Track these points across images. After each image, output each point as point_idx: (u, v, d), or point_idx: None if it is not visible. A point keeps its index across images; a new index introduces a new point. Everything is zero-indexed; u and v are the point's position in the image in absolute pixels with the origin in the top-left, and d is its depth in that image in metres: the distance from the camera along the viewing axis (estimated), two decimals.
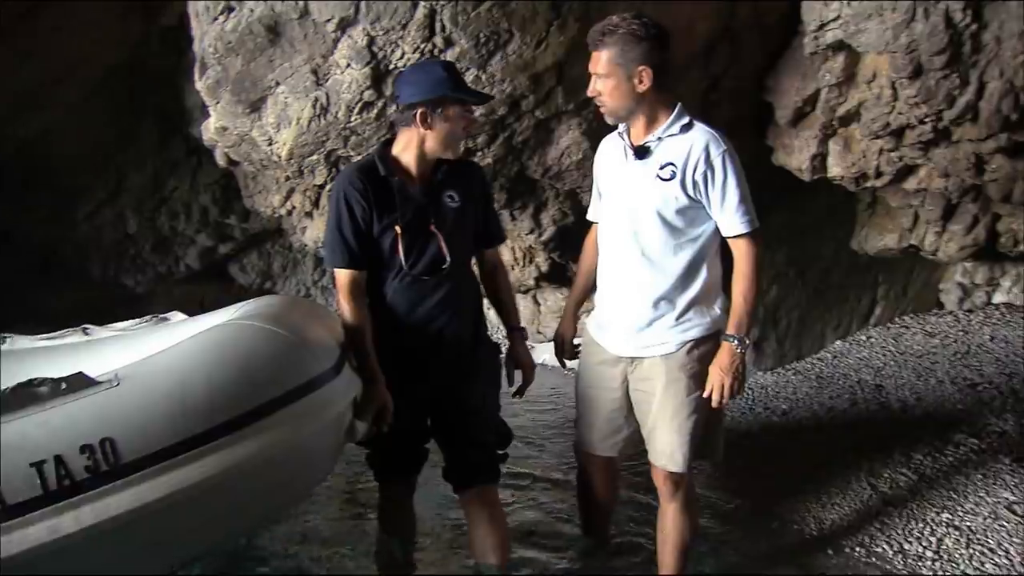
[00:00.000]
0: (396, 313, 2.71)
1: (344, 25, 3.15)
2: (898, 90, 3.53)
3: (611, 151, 2.84)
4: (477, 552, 2.89)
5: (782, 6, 4.08)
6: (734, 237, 2.69)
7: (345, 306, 2.66)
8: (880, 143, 3.87)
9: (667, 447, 2.78)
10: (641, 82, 2.60)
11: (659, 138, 2.67)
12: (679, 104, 2.70)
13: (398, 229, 2.63)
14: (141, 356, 2.36)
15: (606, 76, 2.63)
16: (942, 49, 3.26)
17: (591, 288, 3.02)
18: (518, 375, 3.02)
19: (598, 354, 2.91)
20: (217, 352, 2.33)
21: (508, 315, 3.00)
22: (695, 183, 2.64)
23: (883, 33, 3.35)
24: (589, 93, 2.70)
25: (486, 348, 2.90)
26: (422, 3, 3.16)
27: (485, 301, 2.98)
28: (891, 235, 5.00)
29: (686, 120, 2.68)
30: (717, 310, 2.78)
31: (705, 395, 2.72)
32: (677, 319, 2.73)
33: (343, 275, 2.66)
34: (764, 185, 4.77)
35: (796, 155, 4.28)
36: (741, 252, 2.70)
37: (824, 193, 4.81)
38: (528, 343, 3.08)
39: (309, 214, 4.89)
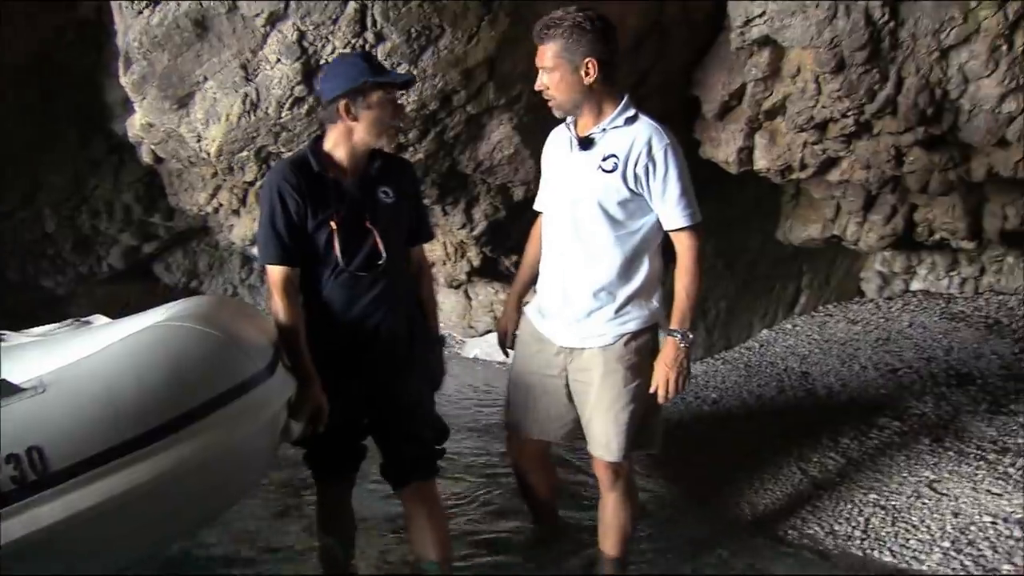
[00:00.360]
0: (331, 310, 2.69)
1: (274, 20, 3.10)
2: (822, 84, 3.61)
3: (558, 142, 2.86)
4: (417, 548, 2.88)
5: (708, 3, 4.15)
6: (676, 230, 2.74)
7: (278, 303, 2.62)
8: (804, 136, 3.96)
9: (603, 437, 2.83)
10: (588, 74, 2.63)
11: (603, 129, 2.71)
12: (626, 96, 2.74)
13: (333, 225, 2.60)
14: (65, 361, 2.27)
15: (552, 69, 2.66)
16: (863, 45, 3.35)
17: (535, 278, 3.02)
18: None
19: (538, 341, 2.93)
20: (147, 355, 2.27)
21: (428, 321, 2.97)
22: (636, 176, 2.67)
23: (807, 29, 3.43)
24: (537, 87, 2.72)
25: (422, 343, 2.88)
26: None
27: None
28: (815, 226, 5.14)
29: (631, 113, 2.72)
30: (655, 303, 2.82)
31: (652, 391, 2.76)
32: (616, 311, 2.77)
33: (276, 272, 2.62)
34: (692, 178, 4.89)
35: (723, 148, 4.35)
36: (684, 246, 2.75)
37: (750, 186, 4.91)
38: (459, 338, 3.08)
39: (236, 212, 4.80)
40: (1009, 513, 3.31)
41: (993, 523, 3.26)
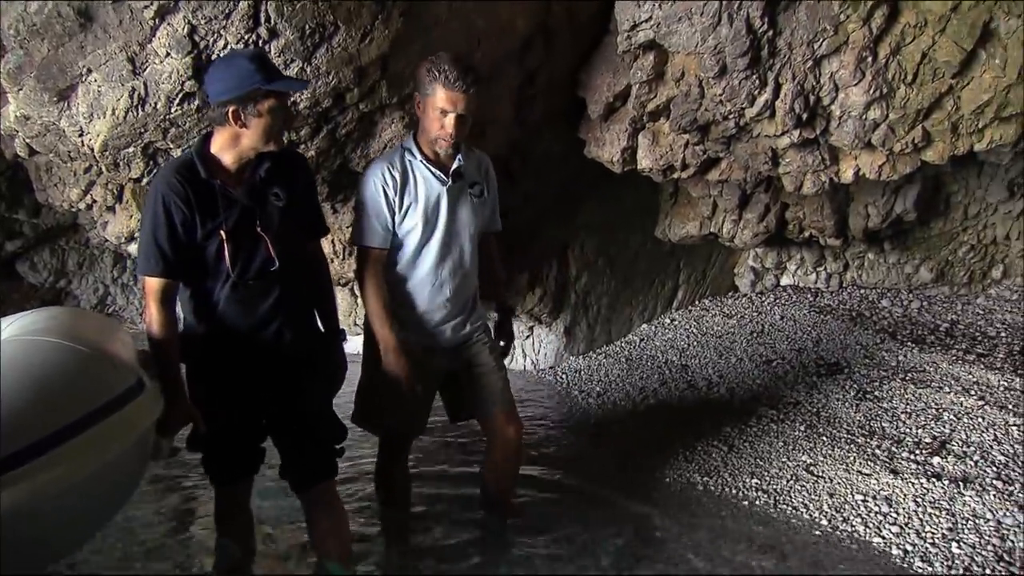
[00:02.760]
0: (227, 322, 2.63)
1: (163, 12, 2.98)
2: (705, 88, 3.77)
3: (421, 179, 3.01)
4: (319, 548, 2.88)
5: (594, 6, 4.25)
6: (496, 232, 3.34)
7: (154, 314, 2.54)
8: (687, 137, 4.12)
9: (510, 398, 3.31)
10: None
11: (461, 162, 3.03)
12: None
13: (223, 234, 2.54)
14: None
15: (472, 115, 2.96)
16: (744, 51, 3.52)
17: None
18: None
19: (419, 356, 3.07)
20: (7, 372, 2.12)
21: (328, 316, 2.93)
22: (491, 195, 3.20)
23: (692, 35, 3.57)
24: (456, 133, 2.92)
25: (320, 344, 2.86)
26: None
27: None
28: (692, 223, 5.35)
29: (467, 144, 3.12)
30: None
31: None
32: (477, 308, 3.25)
33: (154, 283, 2.54)
34: (577, 177, 5.02)
35: (607, 148, 4.46)
36: (495, 244, 3.36)
37: (631, 185, 5.06)
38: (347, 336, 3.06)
39: (111, 208, 4.60)
40: (877, 491, 3.55)
41: (864, 501, 3.50)
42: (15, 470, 1.96)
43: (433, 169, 3.00)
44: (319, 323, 2.92)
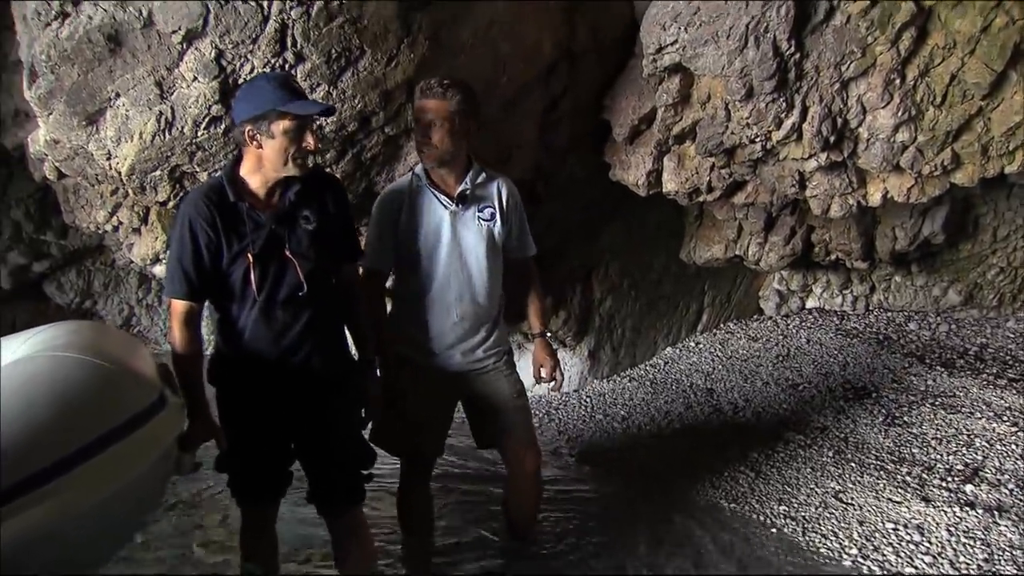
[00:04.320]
0: (256, 345, 2.62)
1: (191, 37, 3.01)
2: (732, 112, 3.75)
3: (426, 203, 3.03)
4: (345, 573, 2.88)
5: (619, 29, 4.26)
6: (530, 257, 3.31)
7: (177, 335, 2.56)
8: (712, 160, 4.10)
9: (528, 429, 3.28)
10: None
11: (468, 186, 3.03)
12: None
13: (250, 258, 2.53)
14: None
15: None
16: (771, 75, 3.50)
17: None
18: None
19: (425, 373, 3.09)
20: (32, 389, 2.12)
21: (362, 344, 2.92)
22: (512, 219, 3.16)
23: (719, 58, 3.56)
24: (436, 144, 2.97)
25: (351, 368, 2.85)
26: (273, 17, 3.07)
27: None
28: (718, 246, 5.31)
29: (481, 168, 3.10)
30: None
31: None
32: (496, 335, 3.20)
33: (178, 305, 2.55)
34: (601, 200, 5.00)
35: (633, 171, 4.45)
36: (533, 268, 3.34)
37: (655, 207, 5.05)
38: None
39: (137, 230, 4.64)
40: (909, 519, 3.49)
41: (895, 529, 3.44)
42: (42, 488, 1.96)
43: (438, 194, 3.01)
44: (352, 349, 2.91)
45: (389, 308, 3.29)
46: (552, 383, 3.35)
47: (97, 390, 2.23)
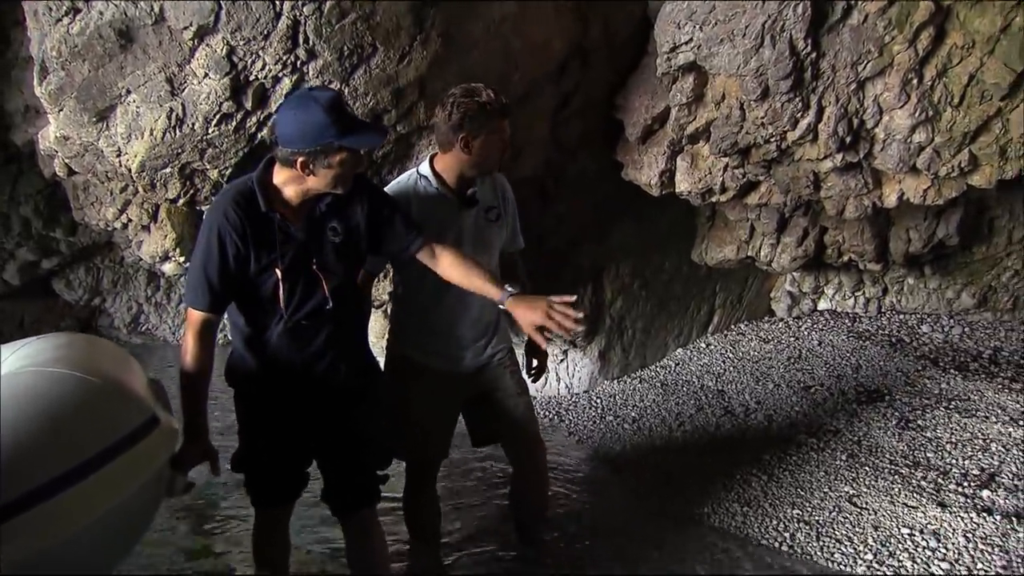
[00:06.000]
0: (279, 358, 2.58)
1: (202, 33, 2.99)
2: (746, 111, 3.71)
3: (433, 205, 2.95)
4: (358, 573, 2.86)
5: (631, 27, 4.23)
6: (519, 250, 3.27)
7: (190, 347, 2.49)
8: (726, 160, 4.06)
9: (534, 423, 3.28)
10: None
11: (476, 187, 2.99)
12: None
13: (279, 273, 2.47)
14: None
15: None
16: (788, 74, 3.46)
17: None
18: None
19: (437, 378, 3.05)
20: (18, 408, 2.04)
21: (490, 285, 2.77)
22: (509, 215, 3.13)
23: (735, 57, 3.52)
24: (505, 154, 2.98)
25: (373, 375, 2.82)
26: (285, 14, 3.06)
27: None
28: (730, 247, 5.27)
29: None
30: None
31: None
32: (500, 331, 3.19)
33: (196, 316, 2.49)
34: (612, 199, 4.97)
35: (645, 171, 4.42)
36: (520, 262, 3.30)
37: (667, 207, 5.01)
38: None
39: (147, 227, 4.63)
40: (924, 524, 3.44)
41: (911, 535, 3.39)
42: (30, 510, 1.90)
43: (447, 195, 2.95)
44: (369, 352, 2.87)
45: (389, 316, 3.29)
46: (534, 375, 3.32)
47: (86, 408, 2.15)
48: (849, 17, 3.45)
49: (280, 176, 2.48)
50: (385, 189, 2.92)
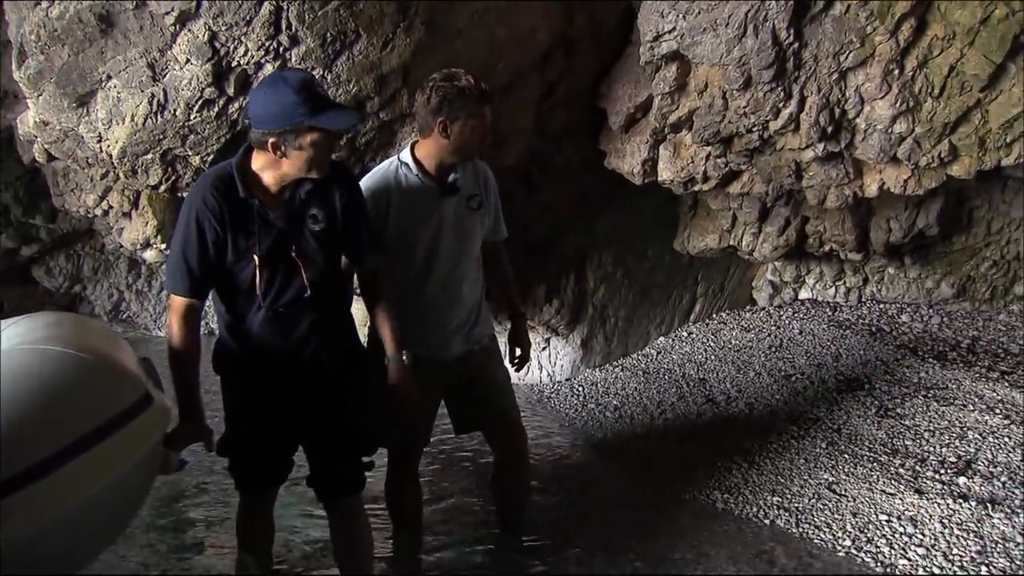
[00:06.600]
0: (262, 345, 2.57)
1: (184, 19, 2.97)
2: (729, 100, 3.73)
3: (414, 193, 2.92)
4: (343, 560, 2.87)
5: (616, 17, 4.23)
6: (502, 240, 3.23)
7: (175, 331, 2.49)
8: (709, 149, 4.08)
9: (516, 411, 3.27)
10: None
11: (457, 175, 2.96)
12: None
13: (256, 260, 2.46)
14: None
15: None
16: (770, 64, 3.48)
17: None
18: None
19: (419, 365, 2.93)
20: (12, 385, 2.02)
21: (389, 344, 2.79)
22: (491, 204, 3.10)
23: (717, 47, 3.53)
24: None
25: (360, 360, 2.81)
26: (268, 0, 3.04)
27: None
28: (712, 236, 5.29)
29: None
30: None
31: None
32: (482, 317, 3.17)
33: (179, 301, 2.48)
34: (595, 188, 4.98)
35: (628, 159, 4.44)
36: (503, 250, 3.27)
37: (650, 196, 5.02)
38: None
39: (128, 214, 4.60)
40: (902, 511, 3.48)
41: (888, 521, 3.43)
42: (27, 488, 1.89)
43: (427, 183, 2.92)
44: (357, 340, 2.85)
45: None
46: (517, 364, 3.32)
47: (80, 385, 2.15)
48: (832, 7, 3.47)
49: (258, 162, 2.47)
50: (366, 177, 2.91)
